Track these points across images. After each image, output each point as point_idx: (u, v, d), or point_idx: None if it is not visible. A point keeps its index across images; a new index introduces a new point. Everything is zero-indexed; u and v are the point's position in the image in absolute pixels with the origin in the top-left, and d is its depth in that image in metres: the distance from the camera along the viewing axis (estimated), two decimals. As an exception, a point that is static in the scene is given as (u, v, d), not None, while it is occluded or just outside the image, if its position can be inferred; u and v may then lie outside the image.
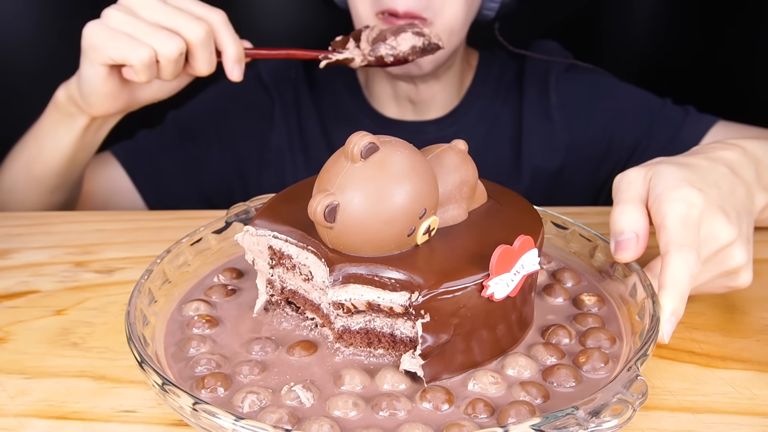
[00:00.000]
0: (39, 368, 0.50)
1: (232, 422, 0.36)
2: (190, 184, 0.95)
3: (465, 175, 0.46)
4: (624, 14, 1.31)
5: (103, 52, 0.66)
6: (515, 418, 0.39)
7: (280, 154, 0.95)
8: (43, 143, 0.77)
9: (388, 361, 0.45)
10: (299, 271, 0.47)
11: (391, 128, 0.92)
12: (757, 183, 0.55)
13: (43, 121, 0.77)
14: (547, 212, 0.58)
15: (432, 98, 0.91)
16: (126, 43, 0.65)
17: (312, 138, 0.95)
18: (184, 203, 0.93)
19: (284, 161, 0.95)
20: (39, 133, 0.78)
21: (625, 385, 0.38)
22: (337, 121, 0.95)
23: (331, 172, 0.42)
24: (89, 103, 0.71)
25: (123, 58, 0.66)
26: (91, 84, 0.69)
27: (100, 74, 0.68)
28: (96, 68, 0.68)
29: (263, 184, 0.95)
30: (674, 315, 0.46)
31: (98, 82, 0.69)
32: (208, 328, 0.49)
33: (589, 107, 0.91)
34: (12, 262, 0.66)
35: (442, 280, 0.41)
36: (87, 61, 0.68)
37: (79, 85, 0.71)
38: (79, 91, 0.71)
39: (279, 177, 0.95)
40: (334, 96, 0.95)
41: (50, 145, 0.77)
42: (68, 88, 0.73)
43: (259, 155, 0.95)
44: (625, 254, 0.49)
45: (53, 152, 0.77)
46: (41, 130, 0.77)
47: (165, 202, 0.92)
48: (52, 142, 0.77)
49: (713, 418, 0.44)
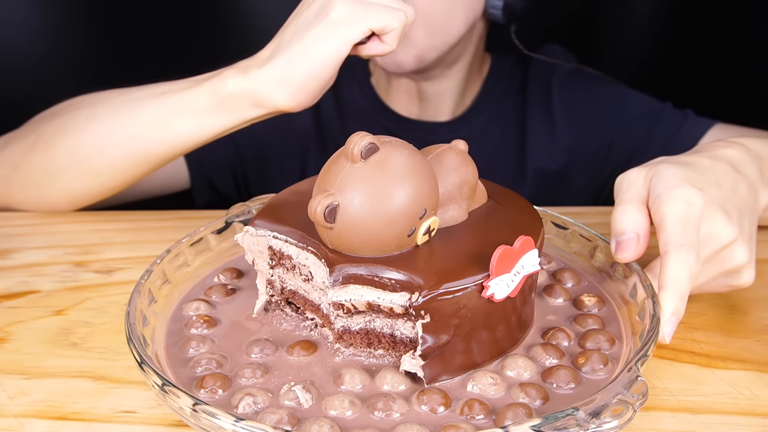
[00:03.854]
0: (39, 368, 0.50)
1: (231, 423, 0.36)
2: (225, 150, 0.91)
3: (465, 176, 0.46)
4: (623, 14, 1.31)
5: (364, 20, 0.61)
6: (512, 420, 0.39)
7: (305, 138, 0.94)
8: (179, 126, 0.67)
9: (388, 361, 0.45)
10: (299, 271, 0.47)
11: (406, 127, 0.93)
12: (760, 180, 0.54)
13: (181, 101, 0.66)
14: (547, 212, 0.58)
15: (439, 97, 0.92)
16: (383, 11, 0.62)
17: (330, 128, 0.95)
18: (221, 173, 0.92)
19: (308, 146, 0.94)
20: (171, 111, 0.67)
21: (626, 385, 0.38)
22: (351, 119, 0.95)
23: (331, 172, 0.42)
24: (299, 92, 0.62)
25: (383, 26, 0.62)
26: (323, 66, 0.62)
27: (341, 52, 0.62)
28: (343, 43, 0.61)
29: (285, 168, 0.95)
30: (675, 315, 0.46)
31: (332, 63, 0.62)
32: (208, 328, 0.49)
33: (590, 110, 0.92)
34: (12, 262, 0.66)
35: (442, 281, 0.41)
36: (332, 37, 0.61)
37: (288, 75, 0.62)
38: (279, 82, 0.62)
39: (301, 163, 0.94)
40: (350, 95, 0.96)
41: (182, 128, 0.67)
42: (249, 80, 0.63)
43: (283, 139, 0.94)
44: (625, 254, 0.49)
45: (187, 136, 0.67)
46: (176, 109, 0.66)
47: (205, 165, 0.90)
48: (191, 126, 0.67)
49: (713, 418, 0.44)
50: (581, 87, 0.93)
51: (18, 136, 0.77)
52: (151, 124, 0.68)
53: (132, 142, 0.69)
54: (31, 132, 0.75)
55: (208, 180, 0.93)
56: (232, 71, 0.65)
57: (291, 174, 0.94)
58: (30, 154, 0.73)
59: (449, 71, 0.90)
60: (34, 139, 0.73)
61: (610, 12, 1.31)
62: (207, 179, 0.93)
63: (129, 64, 1.13)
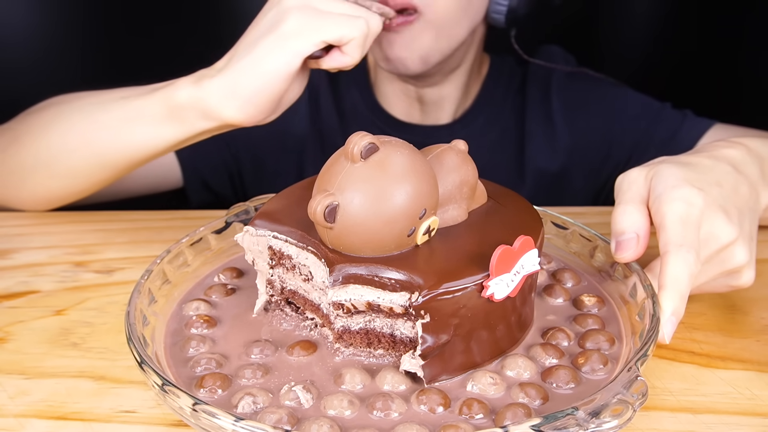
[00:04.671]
0: (39, 368, 0.50)
1: (231, 423, 0.36)
2: (219, 151, 0.91)
3: (465, 176, 0.46)
4: (623, 15, 1.31)
5: (317, 31, 0.59)
6: (511, 420, 0.39)
7: (302, 140, 0.94)
8: (132, 133, 0.65)
9: (388, 361, 0.45)
10: (299, 271, 0.47)
11: (404, 131, 0.92)
12: (761, 180, 0.54)
13: (136, 108, 0.65)
14: (547, 212, 0.58)
15: (440, 103, 0.92)
16: (340, 21, 0.59)
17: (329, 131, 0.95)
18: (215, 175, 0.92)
19: (306, 148, 0.94)
20: (125, 118, 0.65)
21: (625, 385, 0.38)
22: (350, 122, 0.95)
23: (331, 172, 0.42)
24: (247, 105, 0.60)
25: (340, 36, 0.59)
26: (271, 79, 0.59)
27: (292, 66, 0.59)
28: (293, 57, 0.59)
29: (281, 170, 0.94)
30: (675, 315, 0.46)
31: (282, 77, 0.59)
32: (207, 328, 0.49)
33: (589, 110, 0.92)
34: (12, 262, 0.66)
35: (442, 281, 0.41)
36: (282, 50, 0.59)
37: (236, 87, 0.60)
38: (227, 94, 0.60)
39: (298, 165, 0.94)
40: (350, 96, 0.96)
41: (139, 136, 0.65)
42: (199, 89, 0.61)
43: (280, 141, 0.94)
44: (625, 254, 0.49)
45: (142, 144, 0.66)
46: (130, 116, 0.65)
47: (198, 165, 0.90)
48: (145, 135, 0.65)
49: (713, 418, 0.44)
50: (580, 87, 0.93)
51: (1, 132, 0.76)
52: (107, 129, 0.66)
53: (88, 147, 0.67)
54: (11, 129, 0.75)
55: (201, 180, 0.93)
56: (186, 81, 0.63)
57: (287, 177, 0.94)
58: (5, 152, 0.73)
59: (451, 76, 0.90)
60: (11, 137, 0.74)
61: (610, 12, 1.31)
62: (201, 179, 0.93)
63: (127, 61, 1.13)
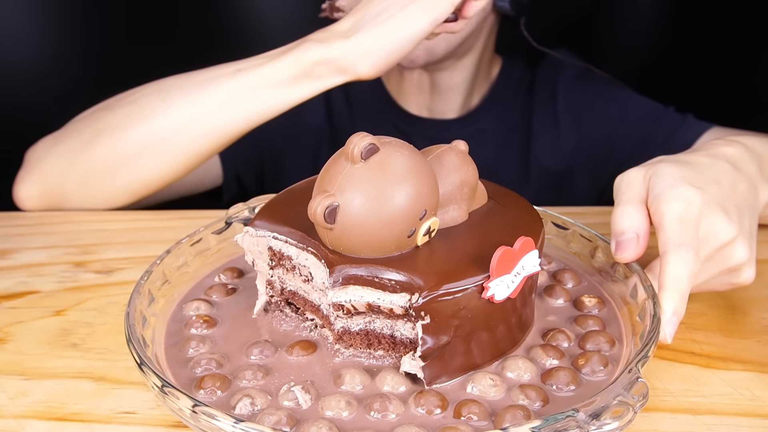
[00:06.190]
0: (38, 369, 0.50)
1: (231, 424, 0.36)
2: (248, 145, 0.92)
3: (465, 176, 0.46)
4: (623, 15, 1.31)
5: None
6: (511, 422, 0.39)
7: (318, 134, 0.96)
8: (256, 99, 0.71)
9: (388, 362, 0.45)
10: (299, 272, 0.47)
11: (415, 124, 0.96)
12: (760, 177, 0.54)
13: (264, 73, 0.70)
14: (547, 212, 0.58)
15: (450, 91, 0.94)
16: None
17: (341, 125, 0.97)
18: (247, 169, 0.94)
19: (321, 142, 0.96)
20: (251, 85, 0.70)
21: (626, 387, 0.38)
22: (361, 116, 0.97)
23: (331, 172, 0.42)
24: (381, 62, 0.69)
25: None
26: (407, 42, 0.68)
27: (426, 32, 0.68)
28: (430, 25, 0.67)
29: (294, 166, 0.96)
30: (676, 315, 0.46)
31: (415, 40, 0.68)
32: (207, 328, 0.49)
33: (594, 112, 0.94)
34: (12, 262, 0.66)
35: (442, 282, 0.41)
36: (421, 17, 0.67)
37: (373, 47, 0.68)
38: (364, 52, 0.68)
39: (312, 160, 0.96)
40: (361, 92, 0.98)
41: (265, 101, 0.71)
42: (331, 49, 0.68)
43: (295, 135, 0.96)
44: (625, 254, 0.49)
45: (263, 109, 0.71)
46: (258, 83, 0.70)
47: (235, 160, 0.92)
48: (270, 99, 0.70)
49: (714, 419, 0.44)
50: (586, 89, 0.95)
51: (69, 132, 0.76)
52: (229, 100, 0.71)
53: (210, 119, 0.71)
54: (87, 126, 0.75)
55: (236, 175, 0.95)
56: (311, 43, 0.69)
57: (304, 171, 0.96)
58: (91, 146, 0.73)
59: (461, 63, 0.92)
60: (95, 130, 0.74)
61: (610, 13, 1.31)
62: (236, 174, 0.95)
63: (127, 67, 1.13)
